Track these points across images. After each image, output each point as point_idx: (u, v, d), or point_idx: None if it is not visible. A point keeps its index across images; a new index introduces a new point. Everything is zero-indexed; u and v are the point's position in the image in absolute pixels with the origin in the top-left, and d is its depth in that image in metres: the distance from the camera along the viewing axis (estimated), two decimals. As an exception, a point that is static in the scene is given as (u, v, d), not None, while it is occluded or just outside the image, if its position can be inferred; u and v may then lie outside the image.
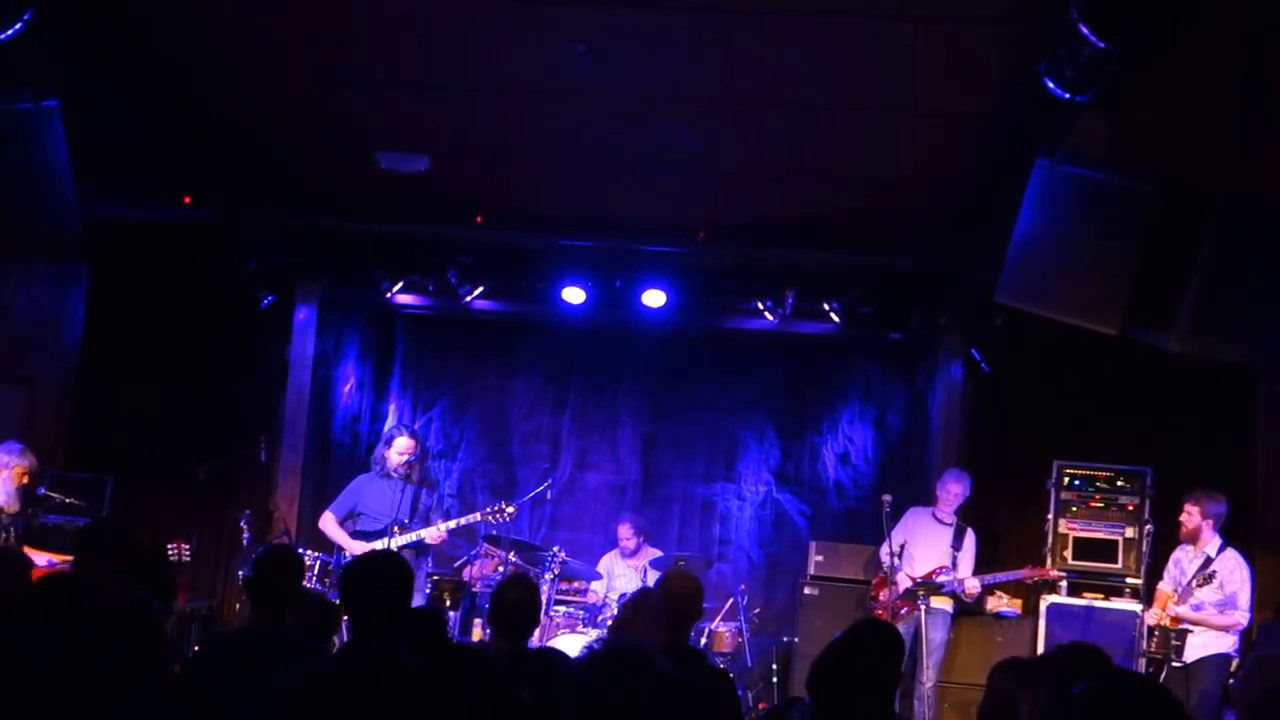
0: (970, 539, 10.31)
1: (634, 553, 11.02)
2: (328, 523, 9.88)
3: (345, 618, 8.82)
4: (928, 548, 10.21)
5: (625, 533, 11.14)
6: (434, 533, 9.60)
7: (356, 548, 9.52)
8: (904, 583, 9.94)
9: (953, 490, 10.35)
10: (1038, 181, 7.03)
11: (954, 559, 10.14)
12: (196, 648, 7.22)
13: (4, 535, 8.95)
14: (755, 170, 9.28)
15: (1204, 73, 6.62)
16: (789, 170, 9.21)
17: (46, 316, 11.90)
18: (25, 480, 9.14)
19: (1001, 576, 10.17)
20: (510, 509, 9.72)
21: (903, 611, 9.83)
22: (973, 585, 10.07)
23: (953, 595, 10.08)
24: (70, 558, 8.53)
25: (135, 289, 11.70)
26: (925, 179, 9.09)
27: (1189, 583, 8.99)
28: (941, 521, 10.35)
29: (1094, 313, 7.13)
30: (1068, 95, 6.29)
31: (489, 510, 9.74)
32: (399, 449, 9.81)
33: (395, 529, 9.45)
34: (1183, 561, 9.25)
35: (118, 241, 11.25)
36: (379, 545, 9.40)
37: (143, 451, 11.21)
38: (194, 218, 10.60)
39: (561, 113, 8.40)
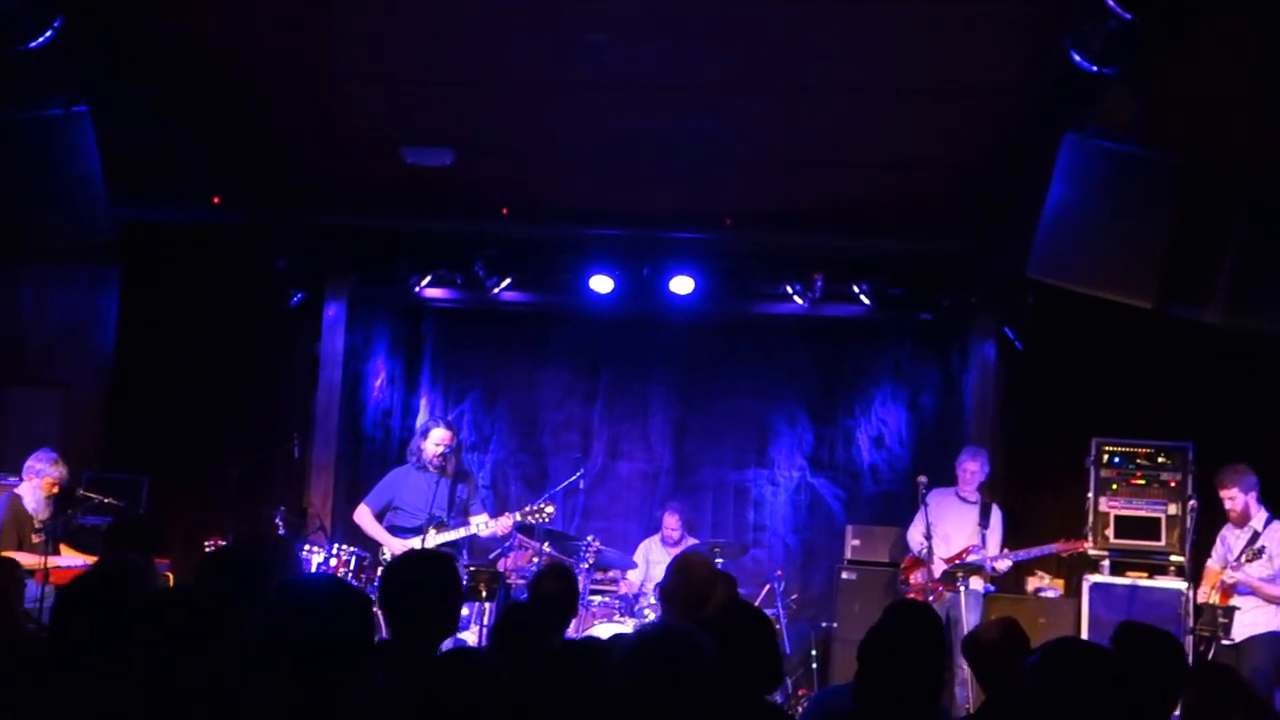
0: (997, 515, 10.22)
1: (677, 542, 10.99)
2: (363, 516, 9.85)
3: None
4: (955, 528, 10.12)
5: (672, 522, 11.10)
6: (498, 524, 9.58)
7: (394, 545, 9.50)
8: (939, 565, 9.88)
9: (969, 468, 10.28)
10: (1067, 156, 6.97)
11: (983, 537, 10.07)
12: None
13: (41, 538, 9.03)
14: (781, 155, 9.22)
15: (1235, 43, 6.54)
16: (816, 154, 9.14)
17: (80, 320, 12.01)
18: (55, 491, 9.24)
19: (1035, 551, 10.06)
20: (549, 508, 9.65)
21: (933, 596, 9.78)
22: (1003, 563, 9.99)
23: (990, 575, 10.02)
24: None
25: (166, 290, 11.77)
26: (953, 157, 9.01)
27: (1237, 559, 8.93)
28: (965, 500, 10.27)
29: (1128, 286, 7.07)
30: (1095, 68, 6.22)
31: (528, 510, 9.68)
32: (435, 440, 9.76)
33: (432, 529, 9.41)
34: (1229, 539, 9.20)
35: (149, 244, 11.30)
36: (415, 543, 9.36)
37: (177, 451, 11.29)
38: (223, 219, 10.61)
39: (584, 103, 8.36)
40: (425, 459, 9.73)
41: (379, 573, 9.32)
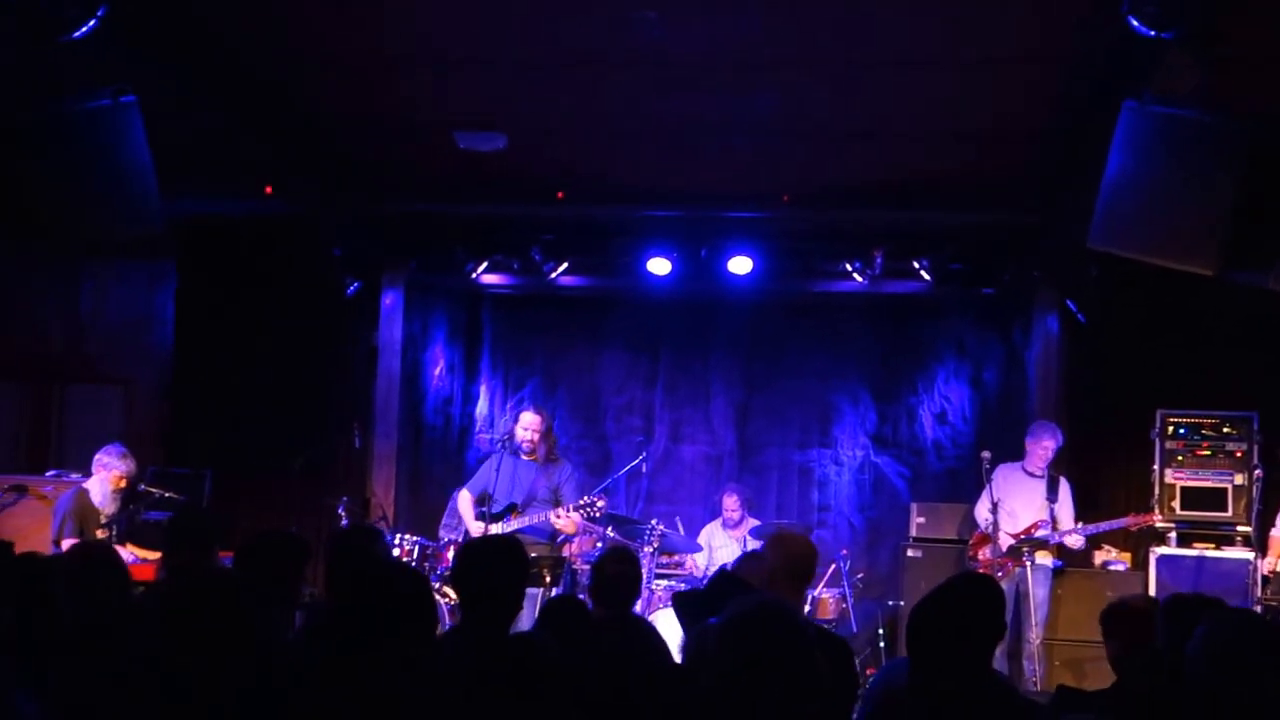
0: (1065, 489, 10.10)
1: (738, 524, 10.94)
2: (464, 503, 9.78)
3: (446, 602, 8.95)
4: (1023, 503, 10.02)
5: (731, 504, 11.04)
6: (564, 520, 9.43)
7: (475, 531, 9.46)
8: (1005, 541, 9.78)
9: (1045, 444, 10.13)
10: (1126, 124, 6.84)
11: (1051, 511, 9.95)
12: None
13: (106, 533, 9.08)
14: (838, 130, 9.12)
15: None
16: (872, 128, 9.04)
17: (138, 315, 12.10)
18: (123, 485, 9.26)
19: (1105, 526, 9.99)
20: (600, 503, 9.54)
21: (1001, 571, 9.67)
22: (1075, 540, 9.87)
23: (1058, 548, 9.92)
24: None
25: (223, 283, 11.83)
26: (1010, 130, 8.89)
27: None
28: (1033, 475, 10.16)
29: (1190, 254, 6.95)
30: (1152, 32, 6.09)
31: (579, 504, 9.54)
32: (524, 424, 9.69)
33: (499, 520, 9.35)
34: (1295, 507, 9.09)
35: (203, 236, 11.38)
36: (495, 528, 9.30)
37: (239, 444, 11.34)
38: (276, 209, 10.64)
39: (637, 83, 8.29)
40: (516, 444, 9.69)
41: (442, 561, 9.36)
